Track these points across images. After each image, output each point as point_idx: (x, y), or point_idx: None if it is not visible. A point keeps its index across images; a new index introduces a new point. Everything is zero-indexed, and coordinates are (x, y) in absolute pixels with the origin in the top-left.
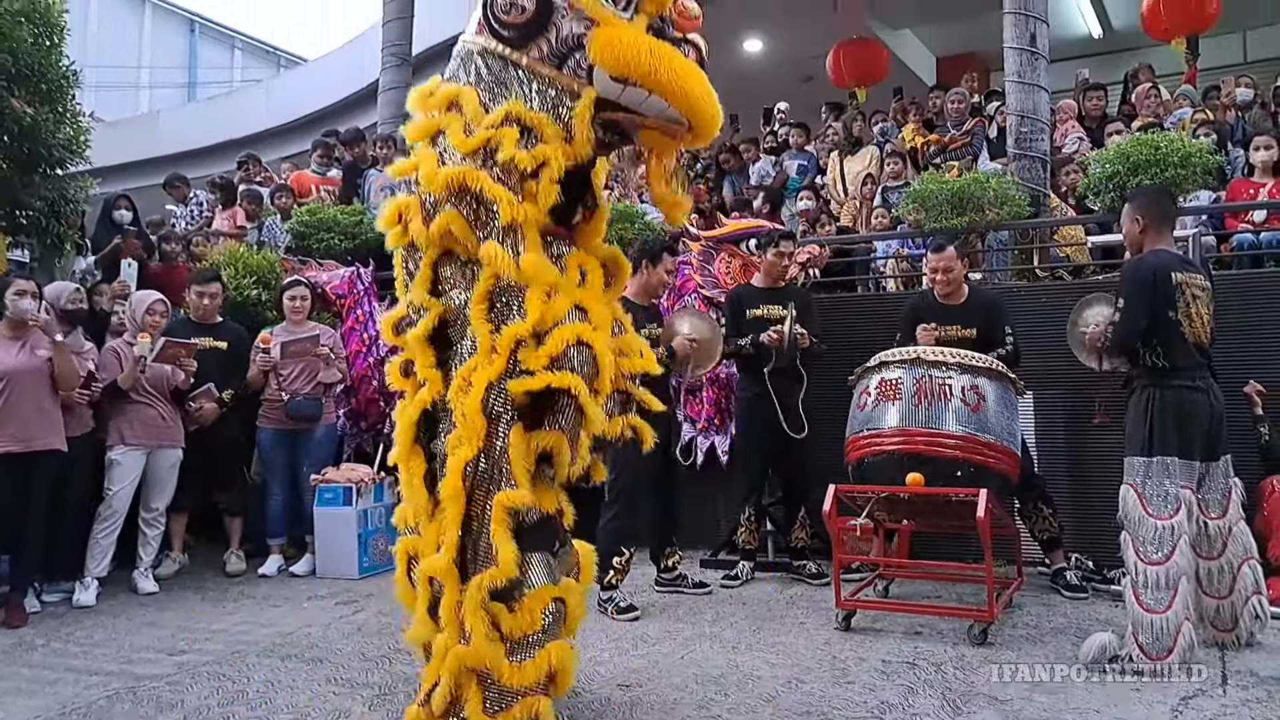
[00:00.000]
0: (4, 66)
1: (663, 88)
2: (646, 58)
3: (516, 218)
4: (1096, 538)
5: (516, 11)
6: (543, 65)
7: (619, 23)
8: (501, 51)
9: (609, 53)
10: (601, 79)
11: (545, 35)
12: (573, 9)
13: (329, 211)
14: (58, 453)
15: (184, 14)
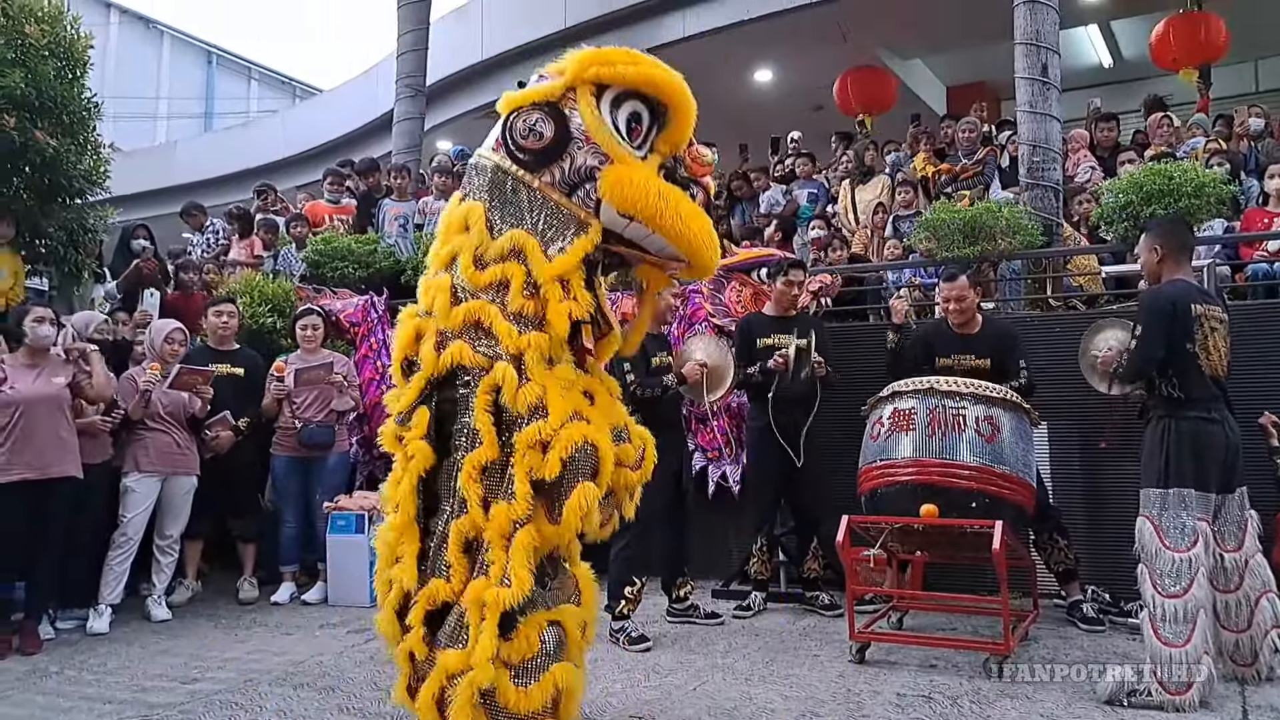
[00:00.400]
0: (28, 99)
1: (666, 230)
2: (654, 200)
3: (521, 346)
4: (1113, 570)
5: (535, 138)
6: (553, 190)
7: (631, 161)
8: (515, 172)
9: (618, 191)
10: (608, 212)
11: (559, 163)
12: (589, 142)
13: (343, 240)
14: (73, 480)
15: (201, 46)
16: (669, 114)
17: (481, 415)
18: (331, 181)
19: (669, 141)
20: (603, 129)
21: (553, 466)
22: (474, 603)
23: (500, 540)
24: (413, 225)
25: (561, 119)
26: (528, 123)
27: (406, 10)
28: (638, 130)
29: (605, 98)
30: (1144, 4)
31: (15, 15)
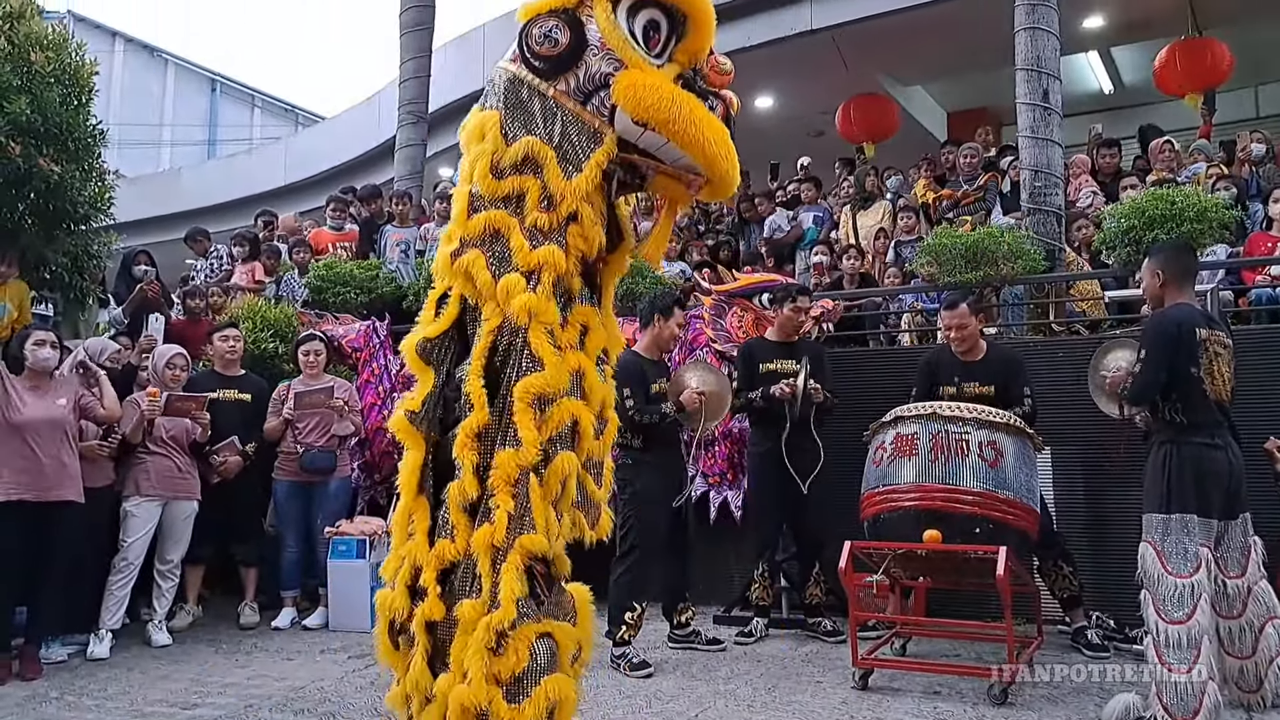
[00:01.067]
0: (33, 126)
1: (680, 136)
2: (668, 104)
3: (533, 262)
4: (1117, 596)
5: (549, 44)
6: (568, 99)
7: (647, 67)
8: (531, 81)
9: (631, 95)
10: (623, 120)
11: (575, 70)
12: (604, 48)
13: (345, 266)
14: (74, 504)
15: (205, 74)
16: (687, 23)
17: (474, 380)
18: (334, 208)
19: (688, 51)
20: (617, 34)
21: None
22: (481, 549)
23: (505, 485)
24: (414, 251)
25: (578, 26)
26: (543, 29)
27: (409, 38)
28: (655, 39)
29: (622, 4)
30: (1144, 31)
31: (20, 43)
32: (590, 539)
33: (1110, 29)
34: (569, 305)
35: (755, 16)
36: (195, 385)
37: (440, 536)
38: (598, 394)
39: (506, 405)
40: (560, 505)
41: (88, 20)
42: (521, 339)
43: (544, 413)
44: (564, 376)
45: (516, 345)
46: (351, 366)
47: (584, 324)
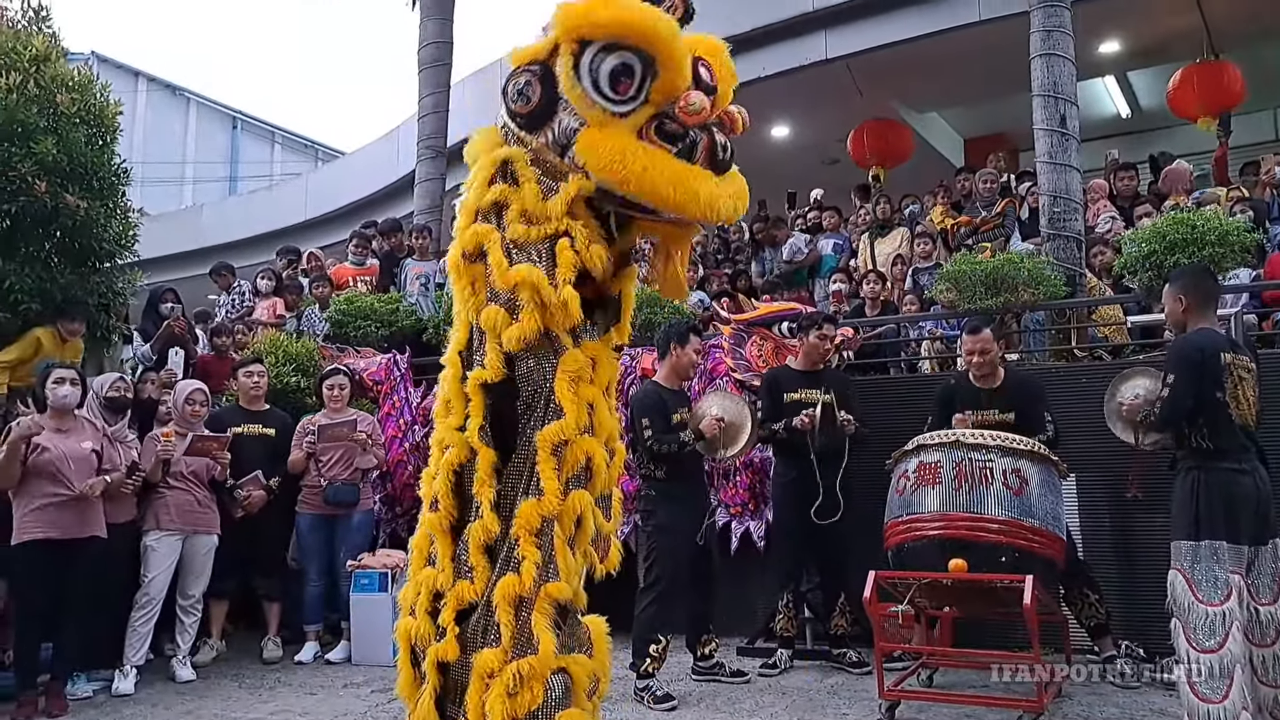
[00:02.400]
0: (59, 165)
1: (641, 193)
2: (619, 162)
3: (511, 281)
4: (1147, 624)
5: (523, 102)
6: (548, 152)
7: (606, 122)
8: (517, 131)
9: (590, 156)
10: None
11: (551, 124)
12: (572, 102)
13: (366, 300)
14: (97, 539)
15: (226, 111)
16: (656, 64)
17: (476, 418)
18: (356, 244)
19: (662, 91)
20: (575, 89)
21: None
22: (503, 600)
23: (529, 536)
24: (434, 284)
25: (550, 79)
26: (516, 86)
27: (427, 73)
28: (628, 84)
29: (588, 53)
30: (1160, 55)
31: (47, 85)
32: (600, 572)
33: (1126, 53)
34: (577, 340)
35: (770, 47)
36: (220, 420)
37: (459, 576)
38: (606, 428)
39: (527, 447)
40: (576, 542)
41: (111, 60)
42: (546, 385)
43: (560, 455)
44: (582, 419)
45: (540, 390)
46: (373, 400)
47: (593, 357)
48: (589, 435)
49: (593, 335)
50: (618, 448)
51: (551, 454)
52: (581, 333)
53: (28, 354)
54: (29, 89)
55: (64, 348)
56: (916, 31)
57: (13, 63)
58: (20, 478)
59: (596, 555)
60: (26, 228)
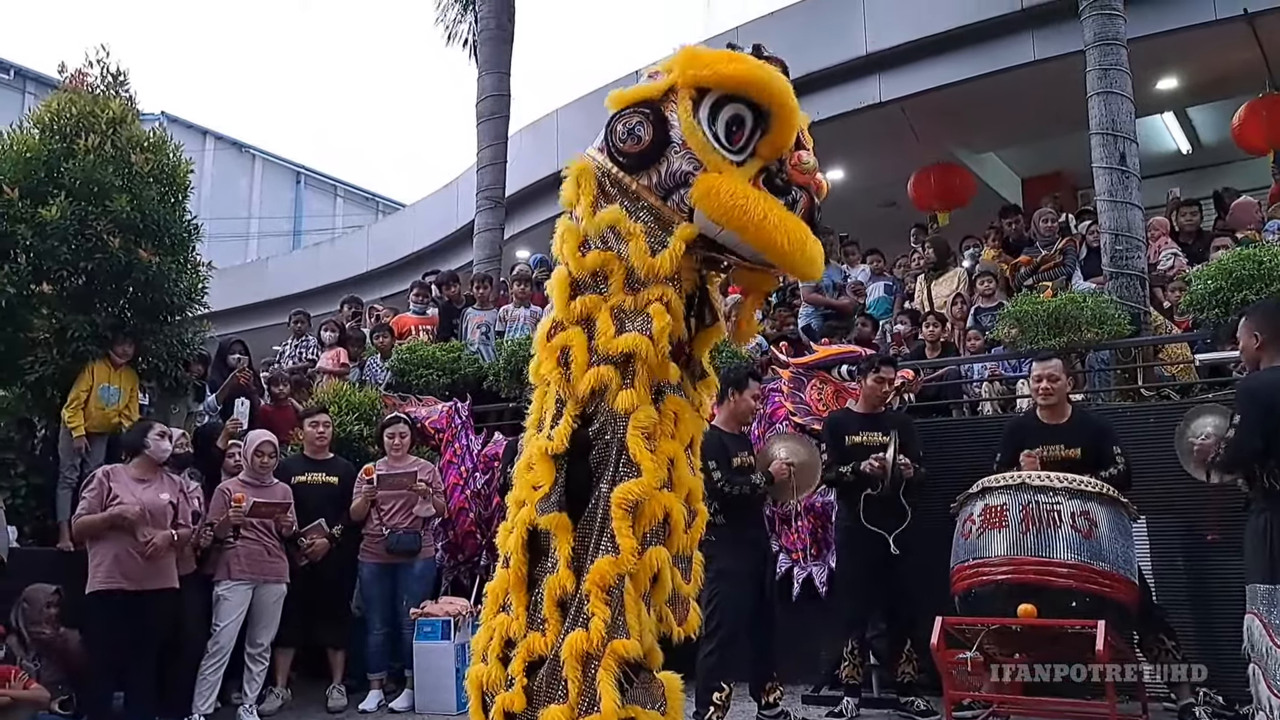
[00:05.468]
0: (133, 223)
1: (753, 240)
2: (740, 209)
3: (617, 349)
4: (1225, 670)
5: (633, 141)
6: (650, 194)
7: (726, 168)
8: (614, 173)
9: (707, 199)
10: (701, 217)
11: (657, 166)
12: (685, 147)
13: (428, 349)
14: (171, 590)
15: (290, 167)
16: (770, 118)
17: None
18: (418, 293)
19: (771, 145)
20: (697, 134)
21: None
22: (571, 656)
23: (601, 593)
24: (494, 332)
25: (662, 122)
26: (627, 126)
27: (485, 126)
28: (739, 134)
29: (706, 101)
30: (1220, 90)
31: (123, 146)
32: (678, 635)
33: (1184, 90)
34: (660, 396)
35: (824, 91)
36: (285, 469)
37: (532, 627)
38: (686, 485)
39: (601, 503)
40: (653, 599)
41: (180, 120)
42: (618, 441)
43: (636, 512)
44: (661, 476)
45: (612, 445)
46: (434, 447)
47: (675, 412)
48: (668, 490)
49: (677, 391)
50: (700, 509)
51: (626, 511)
52: (665, 388)
53: (86, 388)
54: (106, 150)
55: (118, 374)
56: (970, 73)
57: (91, 125)
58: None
59: (674, 618)
60: (101, 283)
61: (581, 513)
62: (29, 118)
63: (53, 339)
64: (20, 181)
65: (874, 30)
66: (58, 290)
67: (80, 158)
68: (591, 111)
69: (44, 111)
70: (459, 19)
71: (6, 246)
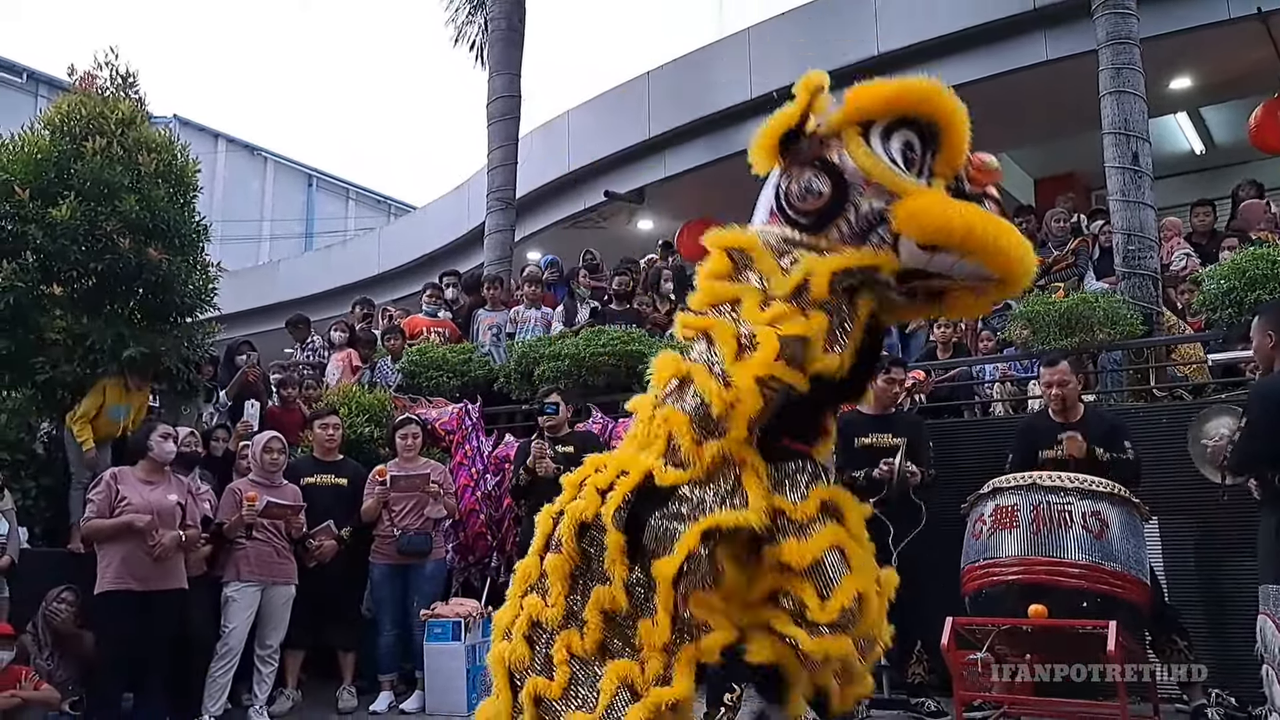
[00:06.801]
0: (142, 223)
1: (977, 252)
2: (956, 224)
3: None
4: (1238, 671)
5: (813, 197)
6: (844, 245)
7: (921, 191)
8: (799, 238)
9: (915, 223)
10: (908, 248)
11: (844, 215)
12: (869, 185)
13: (438, 351)
14: (180, 591)
15: (302, 169)
16: (940, 133)
17: (613, 538)
18: (431, 294)
19: (947, 162)
20: (880, 166)
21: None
22: (613, 675)
23: (658, 654)
24: (505, 334)
25: (832, 168)
26: (801, 184)
27: (496, 127)
28: (912, 159)
29: (874, 134)
30: (1234, 89)
31: (131, 147)
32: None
33: (1198, 89)
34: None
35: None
36: (294, 470)
37: (570, 624)
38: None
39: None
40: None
41: (192, 123)
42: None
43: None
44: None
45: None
46: (445, 449)
47: (827, 500)
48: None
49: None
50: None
51: (669, 588)
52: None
53: (96, 405)
54: (114, 151)
55: (130, 396)
56: (983, 73)
57: (100, 127)
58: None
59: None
60: (112, 284)
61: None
62: (39, 119)
63: (72, 343)
64: (31, 182)
65: (885, 30)
66: (68, 292)
67: (89, 159)
68: (601, 114)
69: (54, 113)
70: (469, 20)
71: (17, 247)
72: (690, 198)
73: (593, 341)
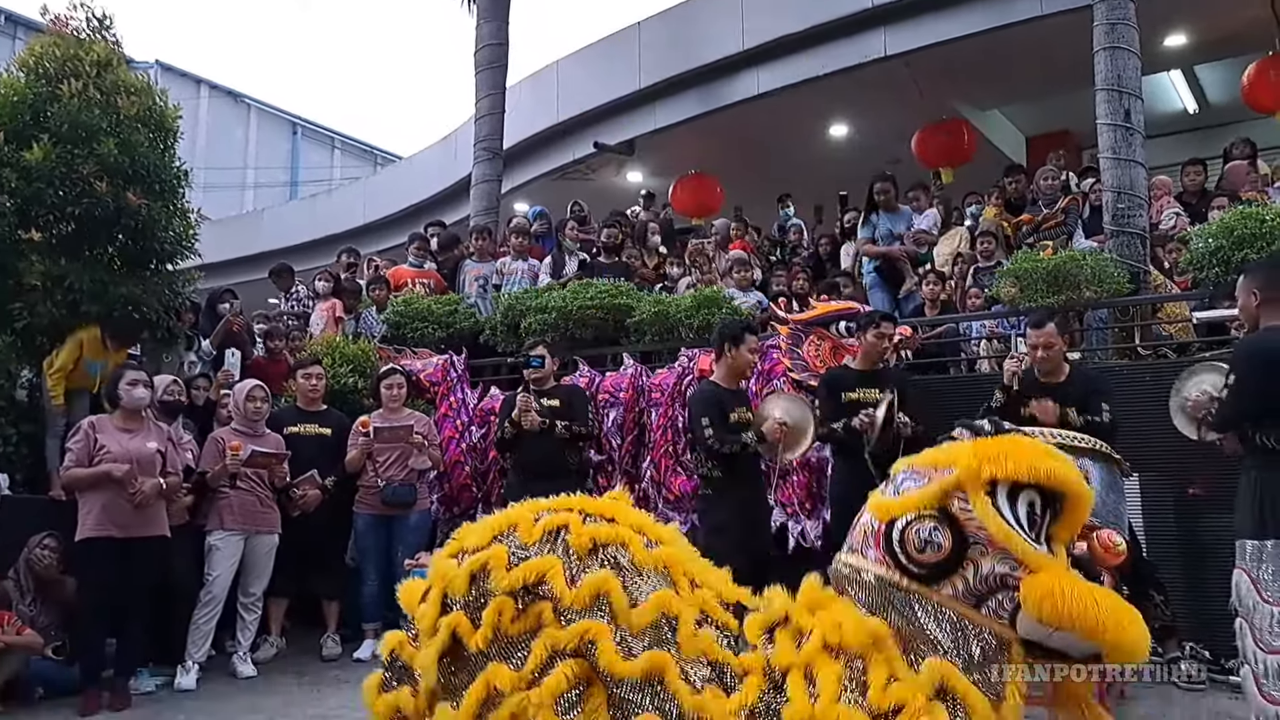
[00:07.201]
0: (121, 167)
1: (1106, 642)
2: (1089, 612)
3: None
4: (1213, 626)
5: (932, 550)
6: (957, 603)
7: (1047, 563)
8: (909, 586)
9: (1048, 605)
10: (1028, 622)
11: (962, 572)
12: (994, 547)
13: (423, 302)
14: (161, 539)
15: (287, 118)
16: (1064, 502)
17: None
18: (416, 246)
19: (1066, 529)
20: (1012, 536)
21: None
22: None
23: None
24: (491, 285)
25: (955, 523)
26: (922, 535)
27: (483, 76)
28: (1035, 519)
29: (1000, 491)
30: (1229, 47)
31: (108, 90)
32: None
33: (1193, 47)
34: None
35: (828, 44)
36: (277, 420)
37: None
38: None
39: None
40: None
41: (174, 69)
42: None
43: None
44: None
45: None
46: (430, 401)
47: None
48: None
49: None
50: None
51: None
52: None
53: (73, 358)
54: (91, 94)
55: (107, 354)
56: (976, 27)
57: (75, 69)
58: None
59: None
60: (91, 229)
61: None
62: (14, 62)
63: (51, 286)
64: (6, 125)
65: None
66: (46, 237)
67: (65, 101)
68: (591, 64)
69: (28, 55)
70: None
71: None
72: (681, 150)
73: (580, 294)
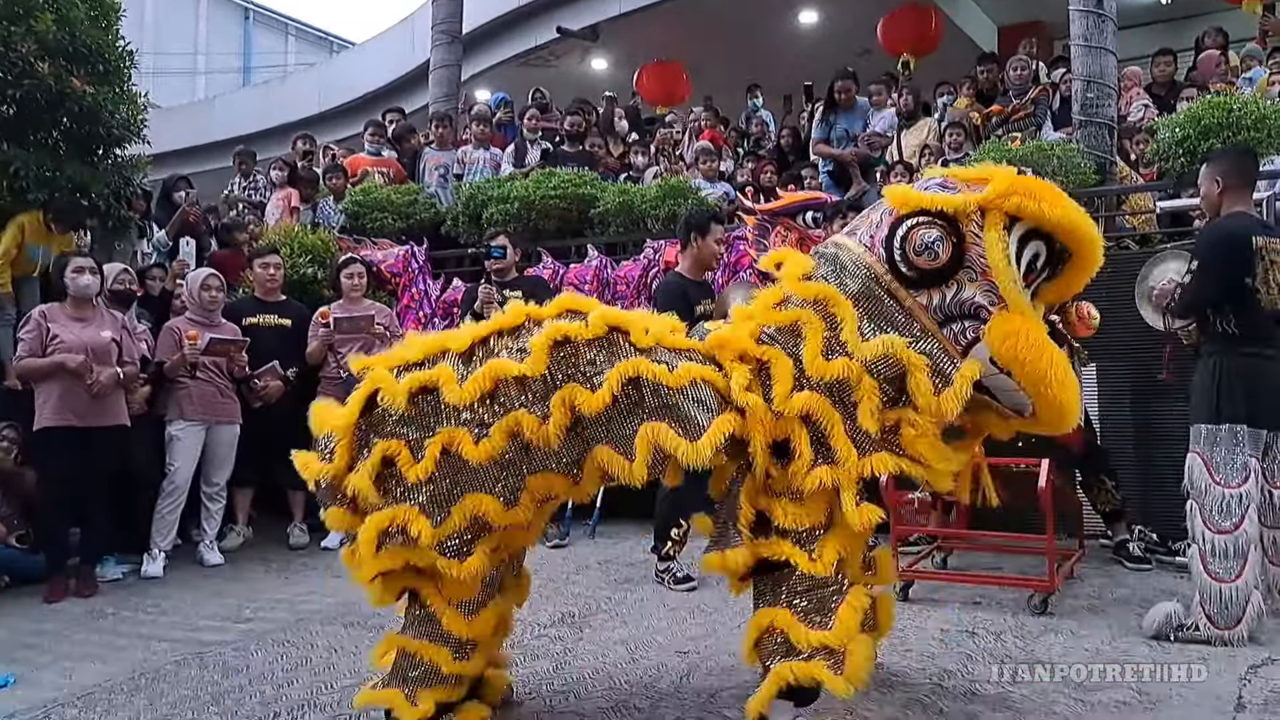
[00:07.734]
0: (62, 45)
1: (1041, 396)
2: (1043, 364)
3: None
4: (1160, 510)
5: (929, 257)
6: (925, 315)
7: (1025, 310)
8: (890, 284)
9: (1008, 345)
10: (981, 356)
11: (942, 288)
12: (984, 277)
13: (382, 191)
14: (121, 428)
15: (238, 3)
16: (1071, 263)
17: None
18: (373, 133)
19: (1058, 291)
20: (1009, 272)
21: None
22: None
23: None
24: (452, 175)
25: (960, 240)
26: (925, 240)
27: None
28: (1032, 274)
29: (1015, 232)
30: None
31: None
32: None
33: None
34: None
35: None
36: (236, 311)
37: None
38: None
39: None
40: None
41: None
42: None
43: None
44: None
45: None
46: (391, 293)
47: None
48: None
49: None
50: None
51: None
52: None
53: (15, 243)
54: None
55: (51, 238)
56: None
57: None
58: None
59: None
60: (34, 112)
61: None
62: None
63: None
64: None
65: None
66: None
67: None
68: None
69: None
70: None
71: None
72: (646, 37)
73: (543, 184)
